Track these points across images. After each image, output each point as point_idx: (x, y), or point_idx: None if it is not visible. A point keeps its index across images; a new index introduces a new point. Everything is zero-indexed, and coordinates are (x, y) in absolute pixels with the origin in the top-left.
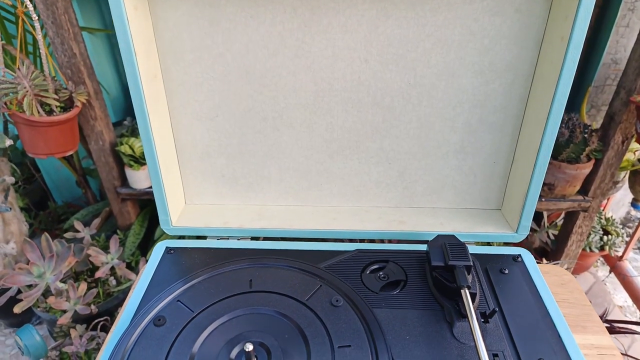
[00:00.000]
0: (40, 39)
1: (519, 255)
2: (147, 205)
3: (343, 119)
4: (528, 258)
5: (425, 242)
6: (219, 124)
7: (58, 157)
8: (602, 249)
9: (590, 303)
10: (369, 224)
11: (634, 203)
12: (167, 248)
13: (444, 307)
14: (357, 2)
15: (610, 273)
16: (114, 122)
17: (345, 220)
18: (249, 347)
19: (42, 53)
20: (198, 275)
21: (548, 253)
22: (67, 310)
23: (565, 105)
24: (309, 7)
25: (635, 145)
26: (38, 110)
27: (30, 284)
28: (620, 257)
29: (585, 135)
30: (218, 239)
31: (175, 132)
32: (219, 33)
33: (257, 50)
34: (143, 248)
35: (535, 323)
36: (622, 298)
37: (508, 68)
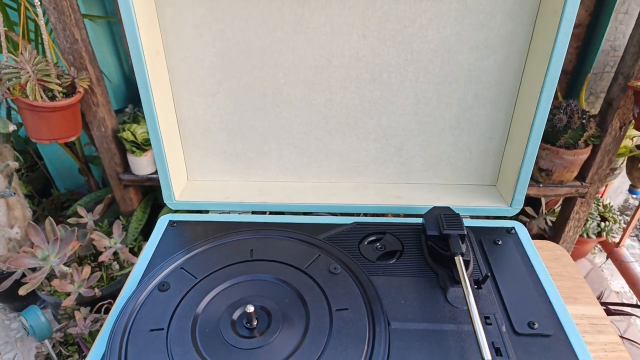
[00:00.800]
0: (42, 25)
1: (513, 228)
2: (149, 192)
3: (342, 95)
4: (521, 230)
5: (422, 216)
6: (220, 101)
7: (61, 142)
8: (599, 235)
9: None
10: (367, 199)
11: (632, 189)
12: (170, 221)
13: (439, 274)
14: None
15: (607, 259)
16: (116, 109)
17: (344, 196)
18: (250, 308)
19: (44, 39)
20: (200, 246)
21: (546, 240)
22: (71, 293)
23: (564, 92)
24: None
25: (633, 132)
26: (41, 96)
27: (35, 267)
28: (618, 243)
29: (583, 121)
30: (220, 213)
31: (178, 108)
32: (220, 9)
33: (256, 26)
34: (145, 234)
35: (527, 290)
36: (618, 284)
37: (503, 43)
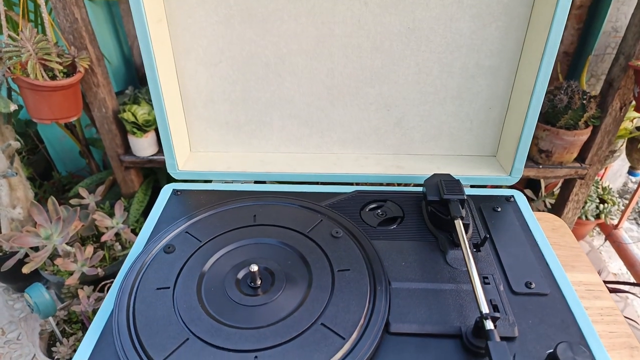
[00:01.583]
0: (42, 3)
1: (512, 196)
2: (150, 175)
3: (343, 65)
4: (520, 198)
5: (422, 185)
6: (223, 70)
7: (62, 122)
8: (598, 218)
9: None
10: (368, 169)
11: (631, 171)
12: (174, 190)
13: (439, 238)
14: None
15: (606, 241)
16: (116, 91)
17: (345, 166)
18: (254, 267)
19: (44, 18)
20: (204, 212)
21: None
22: (74, 271)
23: (565, 74)
24: None
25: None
26: (42, 75)
27: (37, 247)
28: (616, 225)
29: (584, 102)
30: (223, 183)
31: (180, 78)
32: None
33: None
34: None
35: (525, 253)
36: (616, 266)
37: (505, 11)
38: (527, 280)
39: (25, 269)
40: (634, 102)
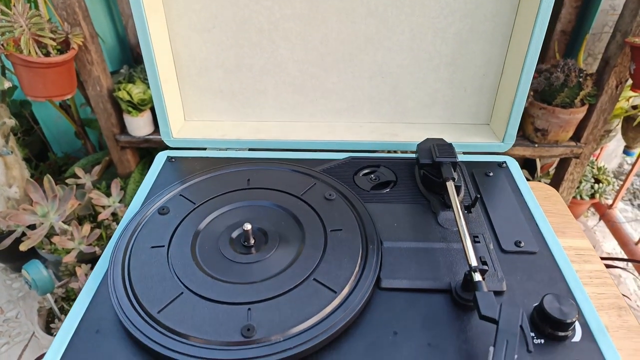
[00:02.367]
0: None
1: (504, 162)
2: (146, 155)
3: (337, 31)
4: (513, 164)
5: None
6: (216, 36)
7: (56, 100)
8: (592, 197)
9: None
10: (362, 136)
11: (626, 150)
12: (168, 157)
13: (431, 200)
14: None
15: (600, 221)
16: (111, 71)
17: (340, 133)
18: (248, 226)
19: None
20: (198, 176)
21: None
22: (72, 249)
23: (563, 53)
24: None
25: (629, 93)
26: (36, 51)
27: (34, 225)
28: (610, 205)
29: (580, 80)
30: (217, 150)
31: (173, 45)
32: None
33: None
34: None
35: (515, 214)
36: (610, 246)
37: None
38: (516, 240)
39: (23, 247)
40: (630, 79)
